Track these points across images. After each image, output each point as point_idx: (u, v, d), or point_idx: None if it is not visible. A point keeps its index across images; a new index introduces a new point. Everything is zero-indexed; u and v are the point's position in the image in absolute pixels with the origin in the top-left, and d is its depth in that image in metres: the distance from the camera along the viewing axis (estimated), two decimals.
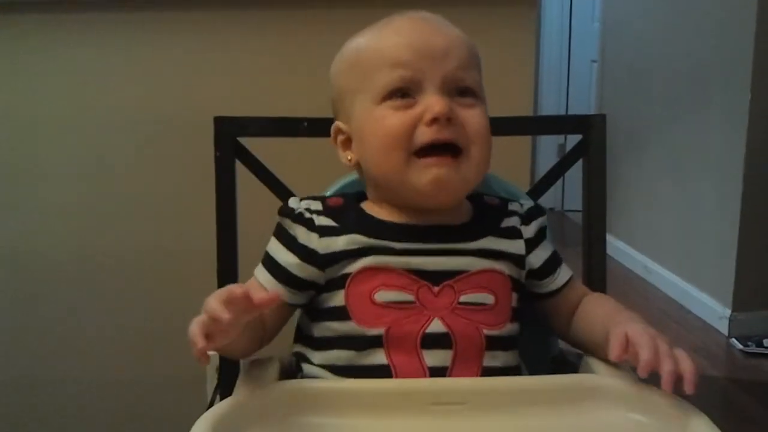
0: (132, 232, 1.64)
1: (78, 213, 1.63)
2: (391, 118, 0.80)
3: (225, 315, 0.66)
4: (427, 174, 0.79)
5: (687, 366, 0.69)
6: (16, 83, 1.59)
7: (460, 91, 0.81)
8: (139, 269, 1.65)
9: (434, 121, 0.78)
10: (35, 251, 1.64)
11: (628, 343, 0.72)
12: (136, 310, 1.67)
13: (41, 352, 1.68)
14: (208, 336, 0.67)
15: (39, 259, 1.65)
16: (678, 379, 0.68)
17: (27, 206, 1.63)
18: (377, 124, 0.81)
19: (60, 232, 1.64)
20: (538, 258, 0.87)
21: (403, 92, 0.80)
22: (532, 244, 0.87)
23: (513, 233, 0.87)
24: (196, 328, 0.67)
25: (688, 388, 0.67)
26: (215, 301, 0.67)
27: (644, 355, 0.69)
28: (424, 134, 0.78)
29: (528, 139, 1.74)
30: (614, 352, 0.73)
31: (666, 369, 0.68)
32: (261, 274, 0.85)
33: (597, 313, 0.86)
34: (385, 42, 0.83)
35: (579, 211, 1.11)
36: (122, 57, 1.57)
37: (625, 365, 0.82)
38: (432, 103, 0.78)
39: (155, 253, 1.64)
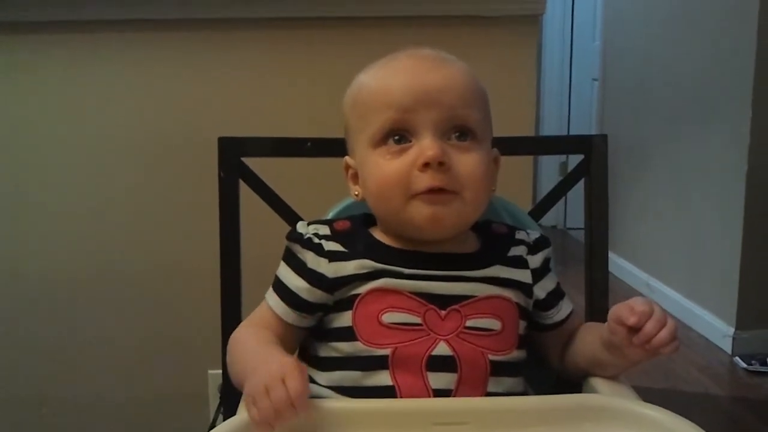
0: (135, 251, 1.64)
1: (80, 233, 1.64)
2: (386, 167, 0.80)
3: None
4: (424, 211, 0.79)
5: (664, 333, 0.74)
6: (22, 102, 1.60)
7: (459, 131, 0.81)
8: (142, 288, 1.65)
9: (426, 165, 0.78)
10: (36, 270, 1.65)
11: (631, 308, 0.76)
12: (137, 328, 1.67)
13: (41, 370, 1.68)
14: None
15: (40, 278, 1.65)
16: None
17: (29, 224, 1.64)
18: (373, 171, 0.82)
19: (62, 252, 1.64)
20: (542, 289, 0.88)
21: (398, 135, 0.80)
22: (537, 275, 0.88)
23: (520, 262, 0.87)
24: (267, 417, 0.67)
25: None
26: (284, 400, 0.67)
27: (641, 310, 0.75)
28: (420, 180, 0.78)
29: (530, 158, 1.75)
30: (623, 314, 0.76)
31: (646, 329, 0.74)
32: (271, 298, 0.85)
33: (591, 330, 0.88)
34: (381, 83, 0.82)
35: (581, 229, 1.11)
36: (127, 77, 1.59)
37: (627, 384, 0.83)
38: (425, 147, 0.78)
39: (158, 272, 1.65)
